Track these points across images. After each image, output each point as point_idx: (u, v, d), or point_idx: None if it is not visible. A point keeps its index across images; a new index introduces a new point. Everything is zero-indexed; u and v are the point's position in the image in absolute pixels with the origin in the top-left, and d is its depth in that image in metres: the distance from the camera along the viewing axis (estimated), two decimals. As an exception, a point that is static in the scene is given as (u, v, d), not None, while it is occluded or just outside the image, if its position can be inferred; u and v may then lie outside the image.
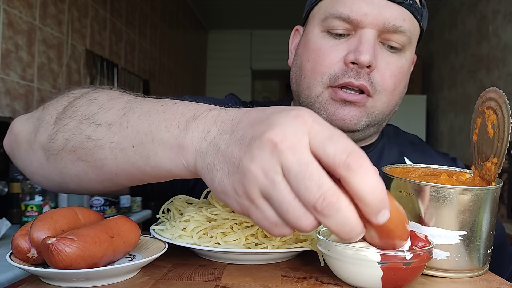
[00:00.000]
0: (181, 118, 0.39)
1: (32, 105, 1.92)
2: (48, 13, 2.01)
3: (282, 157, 0.31)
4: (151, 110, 0.42)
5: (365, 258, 0.38)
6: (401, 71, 0.64)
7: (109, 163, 0.44)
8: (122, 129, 0.42)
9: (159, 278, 0.42)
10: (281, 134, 0.31)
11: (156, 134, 0.40)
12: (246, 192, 0.32)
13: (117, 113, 0.44)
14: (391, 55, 0.63)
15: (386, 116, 0.67)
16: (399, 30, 0.61)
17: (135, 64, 3.11)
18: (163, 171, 0.41)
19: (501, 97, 0.46)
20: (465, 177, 0.54)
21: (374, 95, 0.63)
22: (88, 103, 0.46)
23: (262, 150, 0.31)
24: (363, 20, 0.60)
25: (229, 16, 4.99)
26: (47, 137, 0.48)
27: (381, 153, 0.74)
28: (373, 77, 0.62)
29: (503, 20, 2.87)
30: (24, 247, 0.41)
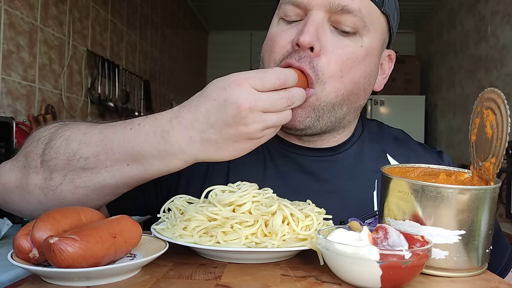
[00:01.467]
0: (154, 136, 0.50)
1: (33, 106, 1.92)
2: (49, 14, 2.01)
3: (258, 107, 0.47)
4: (125, 136, 0.51)
5: (364, 257, 0.38)
6: (351, 57, 0.60)
7: (108, 182, 0.52)
8: (109, 156, 0.51)
9: (160, 277, 0.42)
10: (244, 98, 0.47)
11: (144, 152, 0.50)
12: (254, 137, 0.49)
13: (98, 144, 0.52)
14: (342, 39, 0.60)
15: (342, 108, 0.63)
16: (346, 10, 0.58)
17: (136, 65, 3.12)
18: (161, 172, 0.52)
19: (500, 97, 0.46)
20: (464, 176, 0.54)
21: (317, 85, 0.59)
22: (66, 143, 0.53)
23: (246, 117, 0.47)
24: (310, 2, 0.59)
25: (229, 17, 4.99)
26: (42, 179, 0.54)
27: (361, 151, 0.71)
28: (317, 62, 0.59)
29: (501, 20, 2.88)
30: (26, 247, 0.41)
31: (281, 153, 0.69)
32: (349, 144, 0.71)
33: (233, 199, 0.50)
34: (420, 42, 4.81)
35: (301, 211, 0.51)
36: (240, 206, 0.50)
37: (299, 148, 0.69)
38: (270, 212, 0.49)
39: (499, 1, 2.92)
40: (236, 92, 0.47)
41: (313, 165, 0.68)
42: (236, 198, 0.50)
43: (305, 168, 0.68)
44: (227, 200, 0.50)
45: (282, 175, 0.67)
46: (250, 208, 0.50)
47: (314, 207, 0.55)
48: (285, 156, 0.69)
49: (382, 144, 0.74)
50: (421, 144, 0.78)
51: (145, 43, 3.30)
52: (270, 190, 0.56)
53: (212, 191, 0.54)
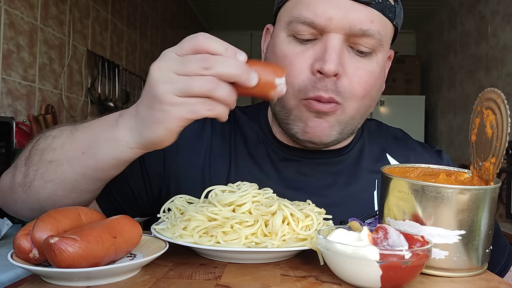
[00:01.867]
0: (111, 119, 0.51)
1: (33, 106, 1.92)
2: (49, 13, 2.01)
3: (167, 67, 0.45)
4: (91, 125, 0.53)
5: (364, 257, 0.38)
6: (371, 76, 0.61)
7: (69, 174, 0.53)
8: (72, 144, 0.53)
9: (160, 277, 0.42)
10: (156, 63, 0.46)
11: (98, 136, 0.51)
12: (166, 102, 0.44)
13: (66, 135, 0.54)
14: (360, 59, 0.60)
15: (358, 120, 0.65)
16: (366, 34, 0.58)
17: (136, 65, 3.12)
18: (110, 160, 0.51)
19: (500, 97, 0.46)
20: (464, 176, 0.54)
21: (344, 103, 0.60)
22: (44, 140, 0.57)
23: (155, 76, 0.45)
24: (328, 25, 0.57)
25: (229, 17, 4.99)
26: (22, 176, 0.56)
27: (361, 151, 0.72)
28: (341, 84, 0.59)
29: (502, 20, 2.88)
30: (26, 247, 0.41)
31: (282, 155, 0.69)
32: (351, 146, 0.72)
33: (233, 199, 0.50)
34: (420, 42, 4.81)
35: (301, 211, 0.51)
36: (240, 206, 0.50)
37: (299, 151, 0.69)
38: (270, 212, 0.49)
39: (500, 1, 2.92)
40: (156, 61, 0.46)
41: (313, 167, 0.69)
42: (236, 198, 0.50)
43: (306, 170, 0.68)
44: (227, 200, 0.50)
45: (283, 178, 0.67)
46: (250, 208, 0.50)
47: (314, 207, 0.55)
48: (286, 159, 0.69)
49: (382, 143, 0.74)
50: (420, 143, 0.78)
51: (145, 43, 3.30)
52: (270, 190, 0.56)
53: (212, 191, 0.54)
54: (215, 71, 0.43)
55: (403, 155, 0.73)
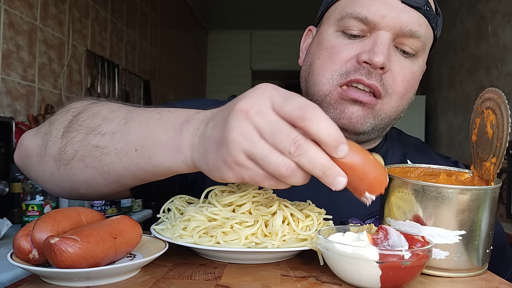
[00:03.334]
0: (176, 122, 0.45)
1: (33, 105, 1.92)
2: (49, 13, 2.01)
3: (254, 121, 0.38)
4: (149, 118, 0.47)
5: (364, 257, 0.38)
6: (413, 77, 0.64)
7: (115, 167, 0.49)
8: (124, 136, 0.48)
9: (160, 277, 0.42)
10: (249, 103, 0.38)
11: (155, 137, 0.45)
12: (234, 159, 0.38)
13: (119, 122, 0.49)
14: (404, 59, 0.63)
15: (392, 120, 0.67)
16: (415, 35, 0.61)
17: (136, 65, 3.12)
18: (163, 169, 0.46)
19: (500, 97, 0.46)
20: (464, 177, 0.54)
21: (384, 98, 0.62)
22: (92, 117, 0.51)
23: (237, 119, 0.38)
24: (380, 22, 0.60)
25: (229, 17, 4.99)
26: (57, 150, 0.52)
27: (385, 156, 0.73)
28: (385, 78, 0.61)
29: (502, 20, 2.88)
30: (26, 247, 0.41)
31: None
32: (378, 148, 0.74)
33: (233, 199, 0.50)
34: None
35: (301, 212, 0.51)
36: (240, 206, 0.50)
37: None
38: (270, 212, 0.49)
39: (500, 1, 2.92)
40: (251, 93, 0.39)
41: None
42: (236, 198, 0.50)
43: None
44: (227, 200, 0.50)
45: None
46: (250, 208, 0.50)
47: (314, 207, 0.55)
48: None
49: (403, 149, 0.76)
50: (437, 153, 0.81)
51: (145, 43, 3.29)
52: (270, 190, 0.55)
53: (212, 191, 0.54)
54: (300, 161, 0.37)
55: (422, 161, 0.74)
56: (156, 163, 0.46)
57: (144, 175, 0.48)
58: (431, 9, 0.63)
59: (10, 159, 1.43)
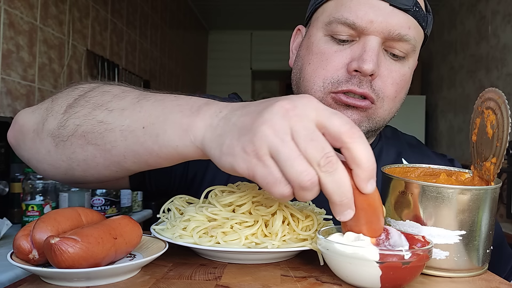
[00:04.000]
0: (194, 104, 0.42)
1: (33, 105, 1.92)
2: (49, 13, 2.01)
3: (292, 122, 0.35)
4: (165, 99, 0.44)
5: (364, 258, 0.38)
6: (403, 79, 0.64)
7: (118, 145, 0.45)
8: (134, 113, 0.44)
9: (160, 278, 0.42)
10: (292, 104, 0.36)
11: (169, 115, 0.42)
12: (255, 150, 0.35)
13: (131, 100, 0.46)
14: (394, 63, 0.63)
15: (385, 122, 0.67)
16: (404, 39, 0.61)
17: (136, 65, 3.12)
18: (169, 149, 0.43)
19: (500, 97, 0.46)
20: (464, 177, 0.54)
21: (377, 102, 0.62)
22: (101, 94, 0.48)
23: (274, 114, 0.36)
24: (368, 27, 0.59)
25: (229, 17, 4.99)
26: (56, 124, 0.49)
27: (379, 155, 0.74)
28: (375, 84, 0.61)
29: (502, 20, 2.88)
30: (26, 248, 0.41)
31: None
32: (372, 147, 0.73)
33: (233, 199, 0.50)
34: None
35: (301, 212, 0.51)
36: (240, 206, 0.50)
37: None
38: (270, 212, 0.49)
39: (500, 1, 2.92)
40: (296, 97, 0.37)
41: None
42: (236, 198, 0.50)
43: None
44: (227, 200, 0.50)
45: None
46: (250, 208, 0.50)
47: (314, 207, 0.55)
48: None
49: (398, 148, 0.76)
50: (433, 151, 0.81)
51: (145, 43, 3.29)
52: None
53: (212, 191, 0.53)
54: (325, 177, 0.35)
55: (418, 160, 0.75)
56: (162, 142, 0.42)
57: (148, 156, 0.45)
58: (420, 9, 0.62)
59: (10, 159, 1.43)
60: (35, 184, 1.32)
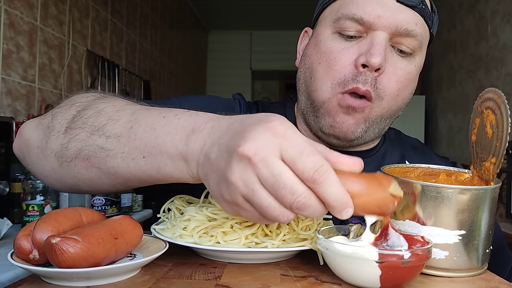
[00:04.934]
0: (183, 132, 0.43)
1: (33, 106, 1.92)
2: (49, 13, 2.01)
3: (257, 170, 0.36)
4: (155, 123, 0.46)
5: (364, 257, 0.38)
6: (408, 77, 0.64)
7: (121, 170, 0.47)
8: (131, 141, 0.46)
9: (160, 277, 0.42)
10: (253, 148, 0.36)
11: (163, 147, 0.44)
12: (232, 200, 0.38)
13: (124, 125, 0.47)
14: (400, 59, 0.63)
15: (386, 120, 0.66)
16: (411, 34, 0.61)
17: (136, 65, 3.12)
18: (171, 178, 0.46)
19: (500, 97, 0.46)
20: (464, 177, 0.54)
21: (375, 101, 0.62)
22: (96, 115, 0.50)
23: (239, 163, 0.36)
24: (376, 22, 0.60)
25: (229, 17, 4.99)
26: (59, 146, 0.51)
27: (383, 157, 0.74)
28: (379, 81, 0.61)
29: (501, 20, 2.88)
30: (26, 248, 0.41)
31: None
32: (377, 149, 0.74)
33: (233, 199, 0.50)
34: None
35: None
36: (240, 206, 0.50)
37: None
38: (270, 212, 0.49)
39: (499, 1, 2.92)
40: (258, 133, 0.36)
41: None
42: (236, 198, 0.50)
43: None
44: (227, 200, 0.50)
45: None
46: (250, 208, 0.50)
47: (314, 207, 0.55)
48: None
49: (401, 151, 0.76)
50: (436, 153, 0.81)
51: (145, 43, 3.29)
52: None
53: (212, 191, 0.54)
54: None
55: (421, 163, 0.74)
56: (164, 173, 0.45)
57: (152, 180, 0.48)
58: (426, 7, 0.63)
59: (10, 159, 1.43)
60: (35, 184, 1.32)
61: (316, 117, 0.65)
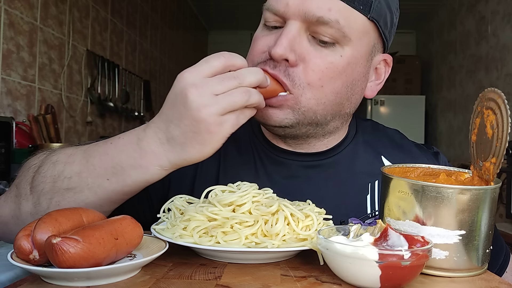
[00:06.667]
0: (131, 145, 0.50)
1: (33, 106, 1.92)
2: (49, 13, 2.01)
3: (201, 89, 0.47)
4: (106, 150, 0.52)
5: (363, 257, 0.38)
6: (330, 67, 0.59)
7: (91, 200, 0.52)
8: (91, 172, 0.52)
9: (160, 277, 0.42)
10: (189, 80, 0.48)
11: (122, 163, 0.50)
12: (214, 120, 0.47)
13: (81, 163, 0.53)
14: (320, 49, 0.58)
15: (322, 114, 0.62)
16: (321, 21, 0.56)
17: (136, 65, 3.12)
18: (141, 184, 0.52)
19: (500, 97, 0.46)
20: (464, 177, 0.54)
21: (294, 90, 0.58)
22: (53, 166, 0.55)
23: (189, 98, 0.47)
24: (286, 11, 0.58)
25: (229, 17, 4.99)
26: (32, 205, 0.55)
27: (354, 152, 0.70)
28: (293, 70, 0.58)
29: (502, 20, 2.88)
30: (27, 248, 0.41)
31: (271, 158, 0.68)
32: (341, 147, 0.70)
33: (233, 199, 0.50)
34: (420, 42, 4.81)
35: (301, 211, 0.51)
36: (240, 206, 0.50)
37: (289, 153, 0.68)
38: (270, 212, 0.49)
39: (500, 1, 2.92)
40: (183, 80, 0.47)
41: (303, 170, 0.67)
42: (236, 198, 0.50)
43: (295, 173, 0.67)
44: (227, 200, 0.50)
45: (273, 180, 0.66)
46: (250, 208, 0.50)
47: (314, 207, 0.55)
48: (276, 161, 0.68)
49: (377, 146, 0.73)
50: (417, 144, 0.77)
51: (145, 43, 3.30)
52: (270, 190, 0.56)
53: (212, 191, 0.54)
54: (247, 83, 0.48)
55: (399, 158, 0.71)
56: (132, 182, 0.51)
57: (122, 196, 0.53)
58: None
59: (10, 159, 1.43)
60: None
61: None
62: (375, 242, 0.42)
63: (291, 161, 0.68)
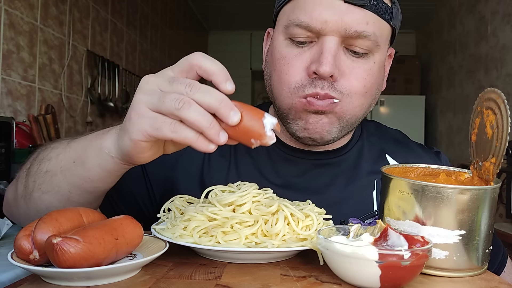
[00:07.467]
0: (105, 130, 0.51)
1: (33, 106, 1.92)
2: (49, 14, 2.01)
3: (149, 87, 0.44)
4: (88, 135, 0.53)
5: (363, 257, 0.39)
6: (369, 73, 0.62)
7: (62, 185, 0.53)
8: (66, 153, 0.54)
9: (160, 277, 0.42)
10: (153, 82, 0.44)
11: (89, 144, 0.51)
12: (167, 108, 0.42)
13: (63, 146, 0.55)
14: (356, 60, 0.61)
15: (359, 118, 0.65)
16: (361, 36, 0.59)
17: (136, 65, 3.12)
18: (96, 169, 0.50)
19: (500, 98, 0.46)
20: (464, 177, 0.54)
21: (344, 99, 0.60)
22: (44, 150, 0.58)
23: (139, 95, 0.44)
24: (324, 28, 0.58)
25: (229, 17, 4.99)
26: (23, 187, 0.57)
27: (360, 151, 0.72)
28: (338, 85, 0.60)
29: (501, 20, 2.88)
30: (27, 248, 0.41)
31: (282, 156, 0.69)
32: (349, 147, 0.72)
33: (233, 199, 0.50)
34: (420, 42, 4.81)
35: (301, 211, 0.51)
36: (240, 206, 0.50)
37: (299, 152, 0.69)
38: (270, 212, 0.49)
39: (499, 1, 2.92)
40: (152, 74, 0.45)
41: (314, 168, 0.69)
42: (236, 198, 0.50)
43: (305, 171, 0.69)
44: (227, 200, 0.50)
45: (283, 178, 0.68)
46: (250, 208, 0.50)
47: (314, 207, 0.55)
48: (286, 159, 0.69)
49: (381, 144, 0.75)
50: (419, 144, 0.79)
51: (145, 43, 3.30)
52: (270, 190, 0.56)
53: (212, 191, 0.54)
54: (194, 96, 0.41)
55: (402, 156, 0.74)
56: (88, 166, 0.50)
57: (84, 183, 0.52)
58: (380, 2, 0.60)
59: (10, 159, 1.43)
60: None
61: (288, 123, 0.64)
62: (375, 242, 0.42)
63: (301, 160, 0.69)
